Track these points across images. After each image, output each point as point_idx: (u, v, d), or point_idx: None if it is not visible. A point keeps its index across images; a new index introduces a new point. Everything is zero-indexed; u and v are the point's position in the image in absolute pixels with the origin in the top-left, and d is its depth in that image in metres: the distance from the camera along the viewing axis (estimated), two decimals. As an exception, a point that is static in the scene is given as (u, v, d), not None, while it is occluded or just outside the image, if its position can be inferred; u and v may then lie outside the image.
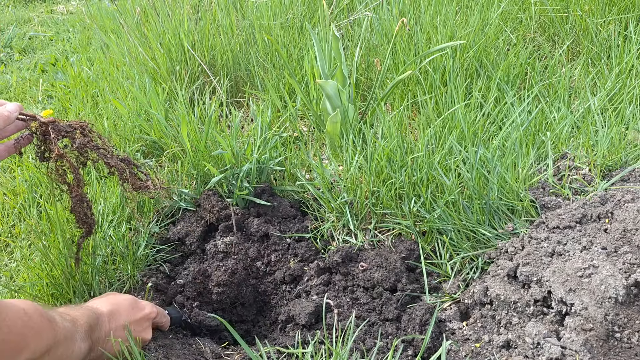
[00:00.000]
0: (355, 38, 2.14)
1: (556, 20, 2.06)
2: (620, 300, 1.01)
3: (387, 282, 1.25)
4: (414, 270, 1.33)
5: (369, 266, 1.30)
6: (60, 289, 1.25)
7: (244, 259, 1.41)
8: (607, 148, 1.43)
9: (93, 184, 1.54)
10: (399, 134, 1.52)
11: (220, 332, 1.30)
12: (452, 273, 1.28)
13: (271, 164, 1.55)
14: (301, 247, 1.42)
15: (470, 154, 1.43)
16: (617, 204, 1.21)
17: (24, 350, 0.83)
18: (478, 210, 1.32)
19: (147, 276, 1.37)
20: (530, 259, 1.16)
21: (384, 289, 1.26)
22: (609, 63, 1.82)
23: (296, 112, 1.84)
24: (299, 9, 2.34)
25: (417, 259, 1.33)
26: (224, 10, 2.33)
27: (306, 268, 1.37)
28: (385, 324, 1.19)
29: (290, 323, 1.25)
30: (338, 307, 1.24)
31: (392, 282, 1.26)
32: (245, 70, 2.13)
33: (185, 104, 1.76)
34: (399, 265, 1.28)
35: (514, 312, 1.14)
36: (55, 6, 4.64)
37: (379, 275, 1.27)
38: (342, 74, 1.66)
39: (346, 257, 1.33)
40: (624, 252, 1.09)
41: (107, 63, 2.47)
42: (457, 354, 1.12)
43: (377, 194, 1.42)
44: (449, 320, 1.19)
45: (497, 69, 1.79)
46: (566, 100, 1.68)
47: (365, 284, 1.28)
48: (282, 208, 1.50)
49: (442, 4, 2.14)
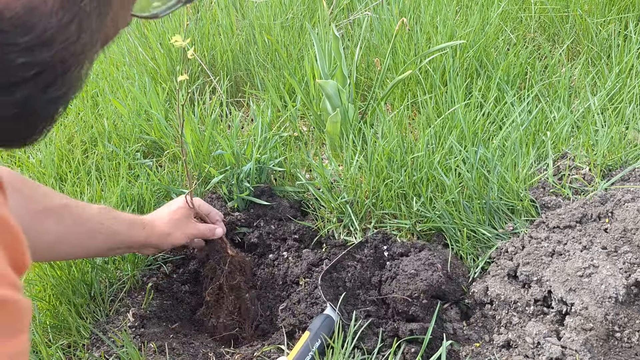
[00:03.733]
0: (355, 38, 2.14)
1: (556, 20, 2.06)
2: (620, 300, 1.01)
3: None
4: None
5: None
6: (61, 288, 1.25)
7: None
8: (607, 148, 1.43)
9: (93, 184, 1.54)
10: (399, 134, 1.52)
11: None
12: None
13: (271, 164, 1.55)
14: (301, 247, 1.42)
15: (470, 154, 1.43)
16: (617, 204, 1.21)
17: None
18: (478, 210, 1.32)
19: (147, 276, 1.37)
20: (531, 258, 1.16)
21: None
22: (609, 63, 1.82)
23: (296, 112, 1.84)
24: (299, 9, 2.34)
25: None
26: (224, 10, 2.33)
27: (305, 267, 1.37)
28: (386, 323, 1.19)
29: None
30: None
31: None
32: (245, 70, 2.13)
33: (185, 104, 1.75)
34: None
35: (514, 312, 1.14)
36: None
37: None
38: (342, 73, 1.66)
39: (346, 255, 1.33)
40: (624, 251, 1.09)
41: (107, 63, 2.46)
42: (457, 353, 1.12)
43: (377, 193, 1.42)
44: (449, 320, 1.19)
45: (497, 69, 1.79)
46: (566, 100, 1.68)
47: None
48: (281, 208, 1.50)
49: (442, 4, 2.14)
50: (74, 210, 1.05)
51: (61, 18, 0.39)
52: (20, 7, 0.37)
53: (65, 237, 1.04)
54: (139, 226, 1.16)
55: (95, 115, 1.95)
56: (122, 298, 1.29)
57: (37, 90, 0.41)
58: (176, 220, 1.22)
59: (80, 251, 1.11)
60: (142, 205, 1.51)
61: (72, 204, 1.06)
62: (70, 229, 1.04)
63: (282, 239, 1.44)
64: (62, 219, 1.02)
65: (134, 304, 1.28)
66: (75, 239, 1.06)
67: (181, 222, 1.22)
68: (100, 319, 1.24)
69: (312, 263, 1.35)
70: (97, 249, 1.13)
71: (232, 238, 1.45)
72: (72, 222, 1.04)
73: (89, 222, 1.07)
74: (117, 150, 1.68)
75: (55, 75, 0.41)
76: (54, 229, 1.01)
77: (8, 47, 0.37)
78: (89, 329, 1.20)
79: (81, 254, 1.15)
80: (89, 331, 1.20)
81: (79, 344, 1.18)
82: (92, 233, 1.07)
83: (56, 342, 1.19)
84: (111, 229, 1.10)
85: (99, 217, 1.09)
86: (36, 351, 1.15)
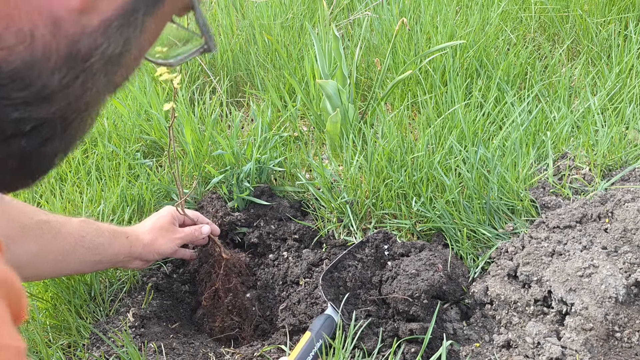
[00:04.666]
0: (355, 38, 2.14)
1: (556, 20, 2.06)
2: (620, 300, 1.01)
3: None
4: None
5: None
6: (60, 289, 1.25)
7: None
8: (607, 148, 1.43)
9: (93, 184, 1.54)
10: (399, 134, 1.52)
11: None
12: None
13: (271, 164, 1.55)
14: (301, 247, 1.42)
15: (471, 154, 1.43)
16: (617, 204, 1.21)
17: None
18: (478, 210, 1.32)
19: (147, 276, 1.37)
20: (531, 258, 1.16)
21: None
22: (609, 63, 1.82)
23: (296, 112, 1.84)
24: (299, 9, 2.34)
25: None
26: (224, 10, 2.33)
27: (305, 267, 1.37)
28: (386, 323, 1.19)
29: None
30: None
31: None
32: (245, 70, 2.13)
33: (185, 104, 1.76)
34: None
35: (514, 312, 1.14)
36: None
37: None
38: (342, 73, 1.66)
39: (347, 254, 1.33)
40: (624, 251, 1.09)
41: (107, 63, 2.46)
42: (457, 353, 1.12)
43: (377, 193, 1.42)
44: (449, 320, 1.19)
45: (497, 69, 1.79)
46: (566, 99, 1.68)
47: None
48: (281, 208, 1.50)
49: (442, 4, 2.14)
50: (54, 225, 1.01)
51: (63, 77, 0.38)
52: (20, 62, 0.36)
53: (46, 253, 1.00)
54: (121, 237, 1.13)
55: (95, 115, 1.94)
56: (122, 298, 1.29)
57: (34, 144, 0.39)
58: (159, 227, 1.20)
59: (63, 267, 1.06)
60: (142, 205, 1.51)
61: (52, 219, 1.02)
62: (50, 244, 1.00)
63: (282, 239, 1.44)
64: (41, 235, 0.99)
65: (134, 304, 1.28)
66: (56, 255, 1.02)
67: (164, 230, 1.20)
68: (100, 319, 1.24)
69: (312, 263, 1.35)
70: (80, 264, 1.08)
71: (232, 238, 1.45)
72: (51, 237, 1.00)
73: (69, 237, 1.03)
74: (117, 150, 1.68)
75: (55, 130, 0.40)
76: (33, 246, 0.97)
77: (3, 101, 0.36)
78: (89, 329, 1.20)
79: (64, 270, 1.09)
80: (89, 331, 1.20)
81: (79, 344, 1.18)
82: (73, 247, 1.04)
83: (56, 342, 1.19)
84: (93, 242, 1.07)
85: (80, 230, 1.05)
86: (36, 351, 1.15)
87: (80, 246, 1.05)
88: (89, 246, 1.06)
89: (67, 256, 1.04)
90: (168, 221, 1.22)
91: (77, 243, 1.04)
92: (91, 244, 1.06)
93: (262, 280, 1.38)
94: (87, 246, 1.06)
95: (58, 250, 1.02)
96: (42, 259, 1.00)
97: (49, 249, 1.00)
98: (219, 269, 1.27)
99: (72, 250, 1.04)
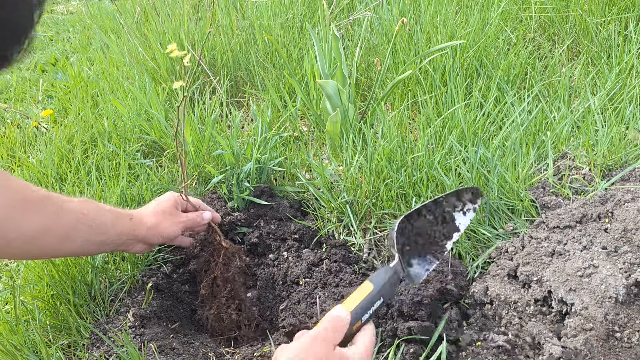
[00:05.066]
0: (355, 38, 2.14)
1: (556, 20, 2.06)
2: (620, 300, 1.01)
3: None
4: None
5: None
6: (60, 289, 1.25)
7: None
8: (607, 148, 1.43)
9: (93, 184, 1.54)
10: (399, 134, 1.52)
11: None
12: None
13: (271, 164, 1.55)
14: (301, 246, 1.42)
15: (471, 154, 1.43)
16: (617, 204, 1.21)
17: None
18: (478, 210, 1.32)
19: (147, 276, 1.37)
20: (531, 258, 1.16)
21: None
22: (609, 63, 1.82)
23: (296, 112, 1.84)
24: (299, 9, 2.34)
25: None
26: (224, 10, 2.33)
27: (305, 267, 1.37)
28: (386, 323, 1.19)
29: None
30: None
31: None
32: (245, 70, 2.13)
33: (185, 104, 1.76)
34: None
35: (514, 312, 1.14)
36: (55, 6, 4.63)
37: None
38: (342, 73, 1.66)
39: (346, 254, 1.33)
40: (624, 251, 1.09)
41: (107, 63, 2.47)
42: (457, 353, 1.12)
43: (377, 193, 1.42)
44: (449, 320, 1.19)
45: (497, 69, 1.79)
46: (566, 99, 1.68)
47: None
48: (281, 208, 1.50)
49: (442, 4, 2.14)
50: (55, 201, 1.01)
51: None
52: None
53: (49, 229, 0.99)
54: (125, 218, 1.12)
55: (95, 115, 1.95)
56: (122, 298, 1.29)
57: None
58: (162, 211, 1.20)
59: (66, 245, 1.04)
60: (142, 205, 1.51)
61: (53, 195, 1.02)
62: (53, 219, 0.99)
63: (282, 239, 1.44)
64: (43, 209, 0.98)
65: (134, 304, 1.28)
66: (58, 231, 1.01)
67: (168, 214, 1.21)
68: (100, 319, 1.24)
69: (312, 263, 1.35)
70: (84, 243, 1.06)
71: (232, 238, 1.45)
72: (54, 212, 0.99)
73: (71, 212, 1.02)
74: (117, 150, 1.68)
75: None
76: (36, 220, 0.97)
77: None
78: (89, 329, 1.20)
79: (68, 248, 1.06)
80: (89, 331, 1.20)
81: (79, 344, 1.18)
82: (75, 223, 1.03)
83: (56, 342, 1.19)
84: (96, 221, 1.06)
85: (81, 208, 1.04)
86: (36, 351, 1.15)
87: (81, 223, 1.04)
88: (91, 224, 1.05)
89: (70, 232, 1.03)
90: (171, 205, 1.22)
91: (78, 220, 1.03)
92: (93, 223, 1.06)
93: (262, 280, 1.38)
94: (90, 224, 1.05)
95: (61, 227, 1.01)
96: (45, 235, 0.99)
97: (52, 225, 1.00)
98: (217, 257, 1.27)
99: (74, 227, 1.03)
